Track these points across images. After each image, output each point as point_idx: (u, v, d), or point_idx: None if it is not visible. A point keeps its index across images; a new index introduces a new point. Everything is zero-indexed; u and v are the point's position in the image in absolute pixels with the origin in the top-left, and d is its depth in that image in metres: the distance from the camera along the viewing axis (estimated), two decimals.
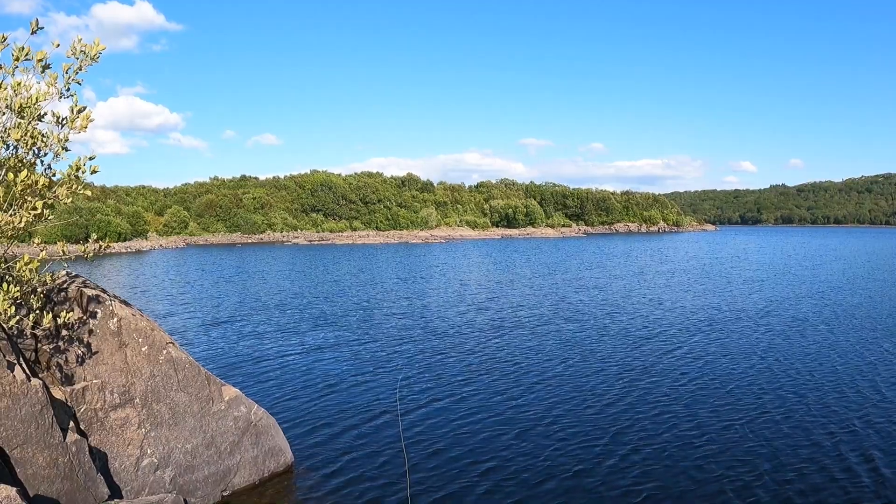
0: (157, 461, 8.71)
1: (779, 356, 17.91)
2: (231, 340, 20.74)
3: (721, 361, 17.31)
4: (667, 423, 12.39)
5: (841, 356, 17.89)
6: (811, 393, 14.31)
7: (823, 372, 16.14)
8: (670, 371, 16.30)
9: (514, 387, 14.95)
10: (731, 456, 10.70)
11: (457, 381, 15.49)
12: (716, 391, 14.48)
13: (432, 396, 14.20)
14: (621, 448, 11.08)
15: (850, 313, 25.61)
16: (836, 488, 9.50)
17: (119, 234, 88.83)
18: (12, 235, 7.12)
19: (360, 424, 12.32)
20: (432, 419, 12.69)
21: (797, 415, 12.81)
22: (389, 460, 10.54)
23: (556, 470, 10.18)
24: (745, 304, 28.38)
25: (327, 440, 11.48)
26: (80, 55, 7.31)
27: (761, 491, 9.40)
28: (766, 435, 11.66)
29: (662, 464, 10.44)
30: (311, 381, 15.55)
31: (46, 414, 7.31)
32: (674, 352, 18.63)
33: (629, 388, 14.76)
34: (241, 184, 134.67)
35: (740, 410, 13.07)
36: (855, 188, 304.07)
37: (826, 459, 10.53)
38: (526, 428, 12.13)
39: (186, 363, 9.28)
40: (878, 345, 19.44)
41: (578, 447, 11.14)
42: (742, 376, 15.71)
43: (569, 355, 18.18)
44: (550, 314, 25.83)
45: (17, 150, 7.13)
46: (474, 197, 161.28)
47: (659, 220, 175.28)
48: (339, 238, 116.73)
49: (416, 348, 19.35)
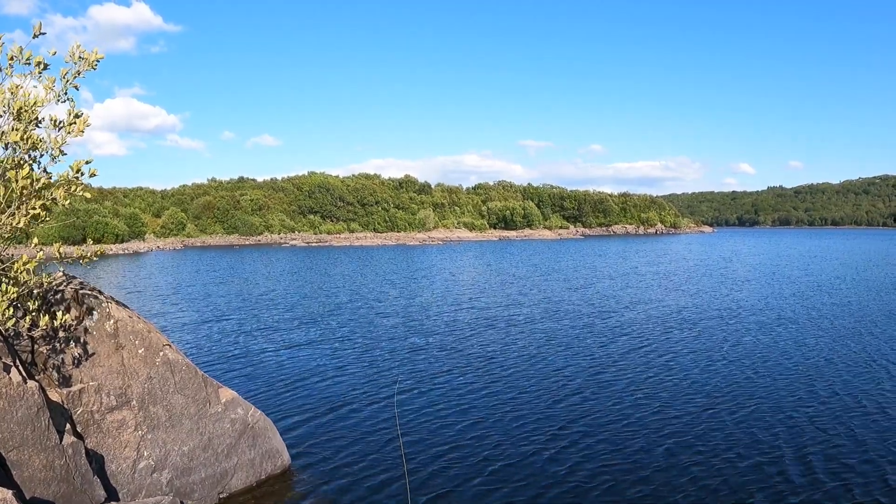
0: (153, 463, 8.71)
1: (742, 352, 18.07)
2: (228, 342, 20.73)
3: (722, 362, 17.39)
4: (680, 430, 12.17)
5: (808, 353, 17.98)
6: (766, 382, 14.38)
7: (777, 365, 16.22)
8: (682, 384, 15.81)
9: (514, 386, 14.95)
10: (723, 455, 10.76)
11: (454, 382, 15.50)
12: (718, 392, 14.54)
13: (430, 398, 14.20)
14: (621, 447, 11.08)
15: (821, 311, 25.71)
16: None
17: (116, 236, 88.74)
18: (9, 237, 7.13)
19: (357, 426, 12.32)
20: (430, 421, 12.68)
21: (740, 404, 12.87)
22: (387, 463, 10.53)
23: (555, 467, 10.20)
24: (726, 304, 28.49)
25: (324, 442, 11.47)
26: (79, 60, 7.32)
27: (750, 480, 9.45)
28: (722, 421, 11.72)
29: (674, 470, 10.24)
30: (307, 383, 15.54)
31: (43, 416, 7.30)
32: (697, 366, 18.64)
33: (623, 383, 14.81)
34: (238, 185, 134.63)
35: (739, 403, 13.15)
36: (852, 190, 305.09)
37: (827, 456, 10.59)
38: (525, 425, 12.13)
39: (183, 365, 9.28)
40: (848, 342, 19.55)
41: (578, 445, 11.14)
42: (727, 371, 15.80)
43: (568, 353, 18.18)
44: (548, 314, 25.86)
45: (15, 152, 7.14)
46: (472, 199, 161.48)
47: (656, 221, 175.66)
48: (337, 240, 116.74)
49: (413, 350, 19.35)
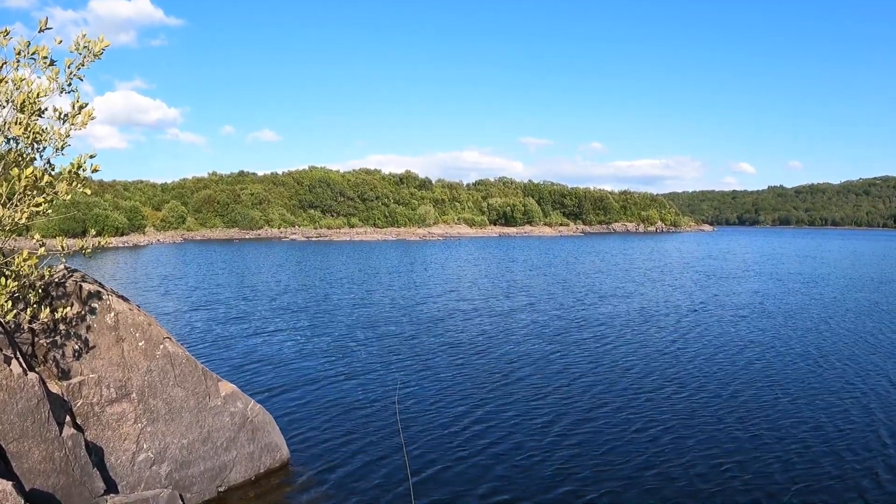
0: (153, 456, 8.73)
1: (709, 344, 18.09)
2: (228, 336, 20.75)
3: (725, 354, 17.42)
4: (697, 435, 12.01)
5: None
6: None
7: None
8: (715, 392, 15.02)
9: (513, 381, 14.97)
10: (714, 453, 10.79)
11: (455, 376, 15.52)
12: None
13: (430, 392, 14.23)
14: (627, 448, 11.09)
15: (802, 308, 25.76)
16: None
17: (117, 229, 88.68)
18: (11, 230, 7.14)
19: (357, 420, 12.35)
20: (431, 414, 12.71)
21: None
22: (387, 456, 10.56)
23: (557, 464, 10.24)
24: (714, 299, 28.58)
25: (324, 436, 11.50)
26: (84, 51, 7.30)
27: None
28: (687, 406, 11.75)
29: (688, 473, 10.13)
30: (307, 376, 15.57)
31: (43, 408, 7.32)
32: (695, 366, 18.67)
33: (624, 380, 14.84)
34: (239, 179, 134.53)
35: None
36: (853, 190, 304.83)
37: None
38: (526, 419, 12.18)
39: (183, 358, 9.30)
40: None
41: (582, 443, 11.17)
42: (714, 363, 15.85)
43: (567, 352, 18.22)
44: (553, 311, 25.90)
45: (18, 145, 7.14)
46: (472, 195, 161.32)
47: (657, 220, 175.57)
48: (337, 235, 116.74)
49: (413, 344, 19.37)
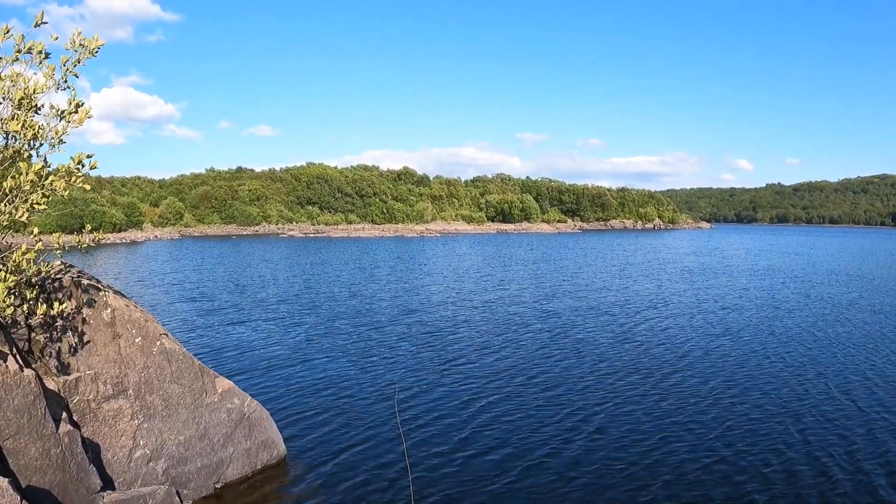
0: (149, 453, 8.74)
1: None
2: (225, 332, 20.75)
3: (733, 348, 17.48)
4: (706, 436, 11.87)
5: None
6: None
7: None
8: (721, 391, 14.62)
9: (512, 378, 15.00)
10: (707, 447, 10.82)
11: (453, 373, 15.54)
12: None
13: (429, 388, 14.25)
14: (629, 448, 11.11)
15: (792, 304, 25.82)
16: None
17: (114, 225, 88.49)
18: (7, 225, 7.12)
19: (354, 417, 12.37)
20: (429, 411, 12.74)
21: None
22: (384, 453, 10.59)
23: (558, 464, 10.26)
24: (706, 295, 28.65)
25: (321, 432, 11.52)
26: (80, 48, 7.29)
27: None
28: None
29: (693, 475, 10.06)
30: (304, 373, 15.58)
31: (39, 404, 7.32)
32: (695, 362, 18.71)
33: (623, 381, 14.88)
34: (236, 175, 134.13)
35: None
36: (851, 188, 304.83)
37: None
38: (527, 418, 12.21)
39: (180, 354, 9.30)
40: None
41: (585, 442, 11.20)
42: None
43: (568, 351, 18.26)
44: (552, 309, 25.92)
45: (15, 141, 7.12)
46: (470, 191, 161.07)
47: (654, 217, 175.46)
48: (335, 231, 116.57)
49: (412, 342, 19.39)
